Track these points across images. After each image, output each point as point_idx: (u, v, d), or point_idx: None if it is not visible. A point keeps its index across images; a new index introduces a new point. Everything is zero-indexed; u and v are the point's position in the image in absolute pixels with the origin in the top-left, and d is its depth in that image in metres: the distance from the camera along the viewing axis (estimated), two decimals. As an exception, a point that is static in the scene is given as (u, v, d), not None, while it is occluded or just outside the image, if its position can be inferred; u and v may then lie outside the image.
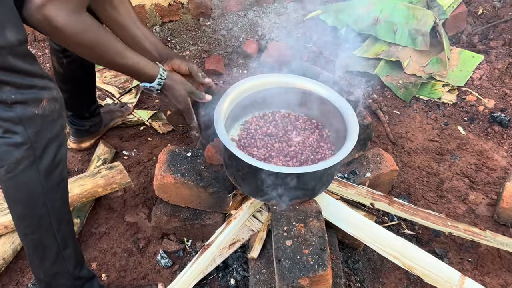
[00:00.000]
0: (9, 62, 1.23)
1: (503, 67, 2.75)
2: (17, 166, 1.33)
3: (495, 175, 2.26)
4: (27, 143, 1.31)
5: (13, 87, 1.25)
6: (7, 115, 1.27)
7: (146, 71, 1.49)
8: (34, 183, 1.38)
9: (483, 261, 1.91)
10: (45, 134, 1.35)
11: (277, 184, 1.53)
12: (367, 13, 2.91)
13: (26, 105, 1.28)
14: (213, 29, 3.16)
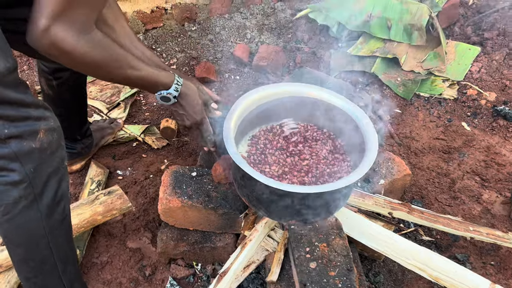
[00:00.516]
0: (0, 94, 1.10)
1: (501, 58, 2.70)
2: (15, 206, 1.20)
3: (505, 171, 2.21)
4: (25, 180, 1.18)
5: (5, 121, 1.12)
6: (1, 151, 1.14)
7: (161, 79, 1.39)
8: (35, 224, 1.25)
9: (506, 264, 1.85)
10: (44, 169, 1.22)
11: (298, 204, 1.42)
12: (359, 10, 2.82)
13: (22, 139, 1.16)
14: (199, 34, 3.02)
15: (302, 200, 1.41)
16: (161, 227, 1.83)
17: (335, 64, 2.76)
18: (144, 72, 1.33)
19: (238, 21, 3.08)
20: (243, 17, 3.10)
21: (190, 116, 1.52)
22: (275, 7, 3.17)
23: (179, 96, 1.46)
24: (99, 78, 1.35)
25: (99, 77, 1.33)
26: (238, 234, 1.79)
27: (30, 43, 1.08)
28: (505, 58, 2.72)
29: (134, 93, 2.66)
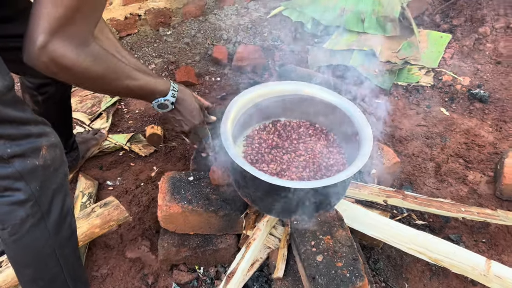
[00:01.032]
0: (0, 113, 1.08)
1: (471, 43, 2.81)
2: (22, 226, 1.18)
3: (486, 152, 2.30)
4: (31, 199, 1.17)
5: (7, 140, 1.10)
6: (5, 171, 1.12)
7: (158, 87, 1.36)
8: (43, 242, 1.23)
9: (496, 240, 1.93)
10: (49, 186, 1.21)
11: (301, 199, 1.45)
12: (332, 5, 2.87)
13: (25, 157, 1.14)
14: (175, 38, 3.01)
15: (305, 196, 1.43)
16: (161, 234, 1.82)
17: (313, 59, 2.81)
18: (142, 81, 1.31)
19: (213, 23, 3.08)
20: (217, 18, 3.10)
21: (188, 121, 1.51)
22: (248, 6, 3.19)
23: (176, 102, 1.44)
24: (97, 90, 1.33)
25: (97, 89, 1.30)
26: (239, 235, 1.80)
27: (27, 61, 1.04)
28: (475, 43, 2.82)
29: (115, 102, 2.63)
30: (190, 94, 1.51)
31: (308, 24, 2.98)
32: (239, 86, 2.72)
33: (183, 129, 1.55)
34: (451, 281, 1.79)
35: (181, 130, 1.56)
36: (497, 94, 2.57)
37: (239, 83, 2.73)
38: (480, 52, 2.79)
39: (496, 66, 2.74)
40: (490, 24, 2.85)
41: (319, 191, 1.42)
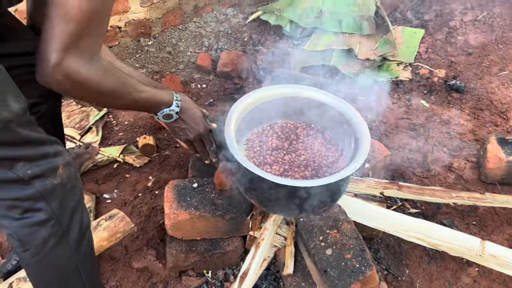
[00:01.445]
0: (19, 135, 1.09)
1: (443, 37, 2.94)
2: (45, 246, 1.19)
3: (467, 139, 2.43)
4: (53, 218, 1.18)
5: (26, 161, 1.11)
6: (26, 193, 1.13)
7: (163, 98, 1.40)
8: (66, 259, 1.25)
9: (485, 221, 2.05)
10: (68, 204, 1.23)
11: (308, 197, 1.51)
12: (309, 7, 2.96)
13: (44, 178, 1.15)
14: (157, 48, 3.03)
15: (312, 193, 1.50)
16: (168, 242, 1.86)
17: (295, 61, 2.88)
18: (147, 94, 1.33)
19: (193, 31, 3.12)
20: (197, 26, 3.14)
21: (193, 129, 1.55)
22: (227, 13, 3.24)
23: (180, 112, 1.48)
24: (106, 105, 1.35)
25: (106, 104, 1.33)
26: (244, 237, 1.86)
27: (41, 80, 1.05)
28: (447, 36, 2.96)
29: (103, 115, 2.63)
30: (192, 102, 1.55)
31: (287, 27, 3.06)
32: (226, 92, 2.78)
33: (188, 137, 1.58)
34: (448, 264, 1.89)
35: (186, 139, 1.60)
36: (471, 84, 2.71)
37: (226, 89, 2.78)
38: (452, 45, 2.93)
39: (468, 57, 2.88)
40: (459, 18, 3.00)
41: (325, 187, 1.49)
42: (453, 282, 1.84)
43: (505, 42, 2.94)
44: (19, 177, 1.10)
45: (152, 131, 2.58)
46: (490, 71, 2.78)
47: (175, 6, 3.03)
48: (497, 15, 3.03)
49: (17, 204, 1.13)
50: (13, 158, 1.09)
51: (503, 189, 2.16)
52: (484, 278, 1.84)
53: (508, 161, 2.06)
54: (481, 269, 1.86)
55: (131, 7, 2.84)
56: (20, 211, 1.15)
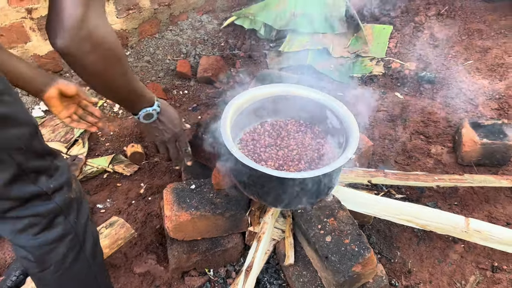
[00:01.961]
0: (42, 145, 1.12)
1: (410, 32, 3.10)
2: (64, 261, 1.21)
3: (441, 126, 2.57)
4: (71, 232, 1.20)
5: (46, 175, 1.13)
6: (47, 208, 1.14)
7: (148, 94, 1.33)
8: (85, 271, 1.27)
9: (466, 201, 2.18)
10: (82, 216, 1.25)
11: (306, 189, 1.59)
12: (282, 10, 3.06)
13: (63, 191, 1.17)
14: (135, 57, 3.06)
15: (310, 184, 1.58)
16: (169, 245, 1.90)
17: (272, 62, 2.98)
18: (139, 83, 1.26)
19: (170, 39, 3.16)
20: (173, 34, 3.19)
21: (170, 129, 1.51)
22: (201, 20, 3.30)
23: (160, 112, 1.42)
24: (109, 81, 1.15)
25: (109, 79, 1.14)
26: (243, 233, 1.92)
27: (62, 43, 0.96)
28: (413, 31, 3.12)
29: (88, 127, 2.64)
30: (167, 103, 1.51)
31: (261, 31, 3.15)
32: (208, 96, 2.84)
33: (164, 139, 1.53)
34: (436, 243, 2.01)
35: (162, 140, 1.54)
36: (441, 74, 2.87)
37: (208, 93, 2.84)
38: (419, 39, 3.09)
39: (435, 49, 3.04)
40: (424, 13, 3.16)
41: (322, 177, 1.57)
42: (442, 260, 1.96)
43: (467, 33, 3.12)
44: (42, 190, 1.11)
45: (138, 139, 2.61)
46: (456, 61, 2.95)
47: (150, 16, 3.07)
48: (458, 8, 3.22)
49: (37, 221, 1.13)
50: (38, 170, 1.10)
51: (479, 170, 2.30)
52: (470, 253, 1.97)
53: (482, 143, 2.21)
54: (467, 245, 1.99)
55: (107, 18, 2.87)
56: (39, 229, 1.15)
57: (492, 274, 1.90)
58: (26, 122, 1.05)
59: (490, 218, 2.10)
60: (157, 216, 2.20)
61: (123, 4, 2.89)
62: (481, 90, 2.73)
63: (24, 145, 1.04)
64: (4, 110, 0.98)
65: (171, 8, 3.16)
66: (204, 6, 3.33)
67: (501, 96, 2.66)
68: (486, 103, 2.64)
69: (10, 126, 1.00)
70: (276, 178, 1.53)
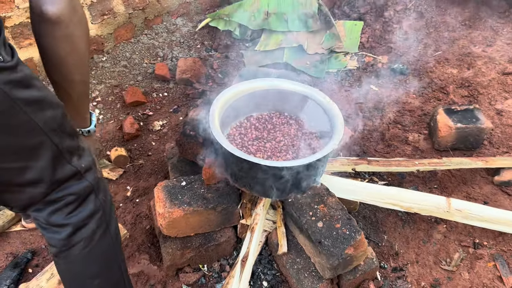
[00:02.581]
0: (70, 125, 1.15)
1: (380, 27, 3.20)
2: (93, 238, 1.23)
3: (416, 115, 2.67)
4: (100, 210, 1.23)
5: (77, 155, 1.17)
6: (81, 186, 1.18)
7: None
8: (110, 249, 1.30)
9: (444, 183, 2.28)
10: (107, 196, 1.29)
11: (296, 177, 1.64)
12: (256, 10, 3.11)
13: (91, 170, 1.21)
14: (112, 63, 3.06)
15: (299, 173, 1.63)
16: (162, 243, 1.92)
17: (249, 62, 3.02)
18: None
19: (146, 43, 3.17)
20: (149, 38, 3.20)
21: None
22: (176, 23, 3.33)
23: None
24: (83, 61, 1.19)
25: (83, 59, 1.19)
26: (235, 227, 1.95)
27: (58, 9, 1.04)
28: (383, 26, 3.23)
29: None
30: None
31: (236, 31, 3.19)
32: (188, 97, 2.86)
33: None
34: (420, 225, 2.10)
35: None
36: (412, 65, 2.98)
37: (187, 94, 2.86)
38: (389, 33, 3.20)
39: (405, 42, 3.16)
40: (392, 8, 3.28)
41: (311, 165, 1.63)
42: (427, 240, 2.04)
43: (434, 26, 3.25)
44: (77, 169, 1.15)
45: (121, 142, 2.61)
46: (426, 52, 3.07)
47: (125, 21, 3.07)
48: (424, 2, 3.35)
49: (72, 200, 1.16)
50: (71, 150, 1.14)
51: (455, 154, 2.40)
52: (452, 232, 2.06)
53: (456, 128, 2.31)
54: (449, 225, 2.08)
55: (82, 24, 2.86)
56: (74, 207, 1.18)
57: (474, 250, 1.99)
58: (57, 104, 1.09)
59: (468, 199, 2.20)
60: (146, 217, 2.21)
61: (97, 9, 2.88)
62: (451, 79, 2.85)
63: (58, 126, 1.08)
64: (38, 93, 1.03)
65: (145, 12, 3.17)
66: (178, 9, 3.35)
67: (470, 84, 2.79)
68: (457, 91, 2.76)
69: (45, 108, 1.04)
70: (268, 168, 1.57)
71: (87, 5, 2.82)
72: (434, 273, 1.92)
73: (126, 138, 2.61)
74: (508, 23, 3.20)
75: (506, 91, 2.73)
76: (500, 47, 3.04)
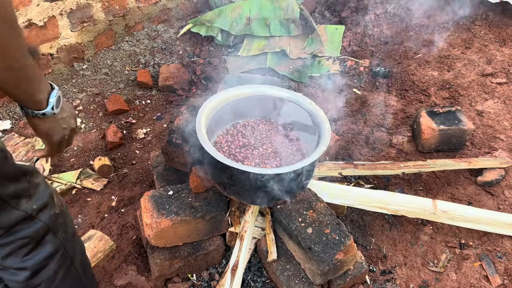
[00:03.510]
0: (15, 167, 1.08)
1: (361, 30, 3.24)
2: (56, 277, 1.19)
3: (399, 117, 2.70)
4: (60, 248, 1.18)
5: (26, 197, 1.10)
6: (35, 228, 1.11)
7: (44, 80, 1.07)
8: (77, 284, 1.26)
9: (429, 185, 2.30)
10: (69, 230, 1.23)
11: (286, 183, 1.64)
12: (238, 15, 3.11)
13: (47, 209, 1.15)
14: (92, 70, 3.01)
15: (289, 179, 1.63)
16: (150, 253, 1.89)
17: (232, 67, 3.02)
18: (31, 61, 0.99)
19: (127, 50, 3.14)
20: (130, 44, 3.17)
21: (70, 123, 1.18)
22: (157, 29, 3.30)
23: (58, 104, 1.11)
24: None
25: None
26: (223, 235, 1.94)
27: None
28: (364, 29, 3.26)
29: (50, 144, 2.58)
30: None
31: (218, 37, 3.18)
32: (172, 104, 2.84)
33: (64, 133, 1.17)
34: (407, 227, 2.11)
35: (62, 135, 1.17)
36: (394, 68, 3.01)
37: (171, 101, 2.84)
38: (370, 37, 3.24)
39: (386, 45, 3.19)
40: (372, 12, 3.31)
41: (300, 171, 1.63)
42: (414, 242, 2.06)
43: (414, 28, 3.30)
44: (26, 213, 1.08)
45: (104, 152, 2.57)
46: (406, 55, 3.11)
47: (105, 28, 3.03)
48: (403, 6, 3.39)
49: (25, 243, 1.11)
50: (17, 194, 1.06)
51: (438, 156, 2.44)
52: (438, 234, 2.08)
53: (439, 130, 2.34)
54: (435, 226, 2.10)
55: (61, 32, 2.81)
56: (28, 249, 1.12)
57: (461, 251, 2.02)
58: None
59: (453, 200, 2.23)
60: (132, 227, 2.18)
61: (77, 17, 2.84)
62: (432, 81, 2.89)
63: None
64: None
65: (126, 19, 3.13)
66: (159, 15, 3.32)
67: (450, 86, 2.83)
68: (438, 93, 2.81)
69: None
70: (257, 175, 1.56)
71: (67, 13, 2.77)
72: (422, 274, 1.94)
73: (110, 147, 2.57)
74: (485, 25, 3.27)
75: (485, 92, 2.78)
76: (478, 49, 3.10)
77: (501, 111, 2.66)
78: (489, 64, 2.95)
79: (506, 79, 2.84)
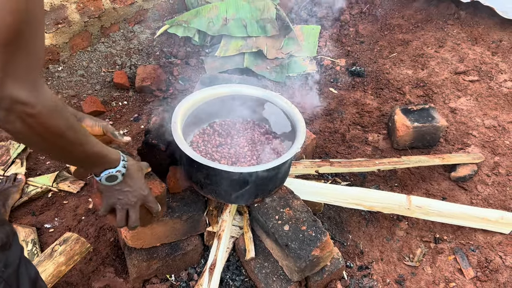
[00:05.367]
0: None
1: (337, 30, 3.28)
2: None
3: (375, 116, 2.74)
4: (0, 282, 1.11)
5: None
6: None
7: (110, 155, 1.16)
8: None
9: (404, 181, 2.35)
10: (11, 262, 1.16)
11: (262, 182, 1.65)
12: (215, 16, 3.11)
13: None
14: (68, 72, 2.98)
15: (266, 177, 1.64)
16: (127, 255, 1.88)
17: (209, 68, 3.02)
18: (97, 148, 1.10)
19: (103, 51, 3.11)
20: (106, 46, 3.14)
21: (137, 192, 1.27)
22: (133, 30, 3.28)
23: (126, 174, 1.22)
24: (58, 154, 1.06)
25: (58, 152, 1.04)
26: (201, 235, 1.94)
27: None
28: (340, 29, 3.30)
29: (25, 147, 2.54)
30: (133, 160, 1.32)
31: (195, 37, 3.18)
32: (149, 105, 2.83)
33: (130, 202, 1.28)
34: (383, 223, 2.15)
35: (126, 203, 1.28)
36: (369, 67, 3.06)
37: (148, 102, 2.83)
38: (346, 36, 3.28)
39: (361, 45, 3.24)
40: (348, 12, 3.36)
41: (275, 169, 1.64)
42: (390, 237, 2.09)
43: (388, 28, 3.36)
44: None
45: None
46: (381, 54, 3.16)
47: (81, 29, 3.00)
48: (378, 6, 3.45)
49: None
50: None
51: (413, 152, 2.48)
52: (414, 229, 2.12)
53: (414, 127, 2.39)
54: (410, 222, 2.14)
55: (35, 34, 2.77)
56: None
57: (435, 245, 2.06)
58: None
59: (427, 195, 2.28)
60: (109, 229, 2.16)
61: (51, 18, 2.80)
62: (406, 79, 2.95)
63: None
64: None
65: (101, 20, 3.11)
66: (135, 16, 3.31)
67: (424, 84, 2.89)
68: (413, 91, 2.86)
69: None
70: (233, 174, 1.57)
71: (40, 14, 2.74)
72: (398, 269, 1.97)
73: (86, 149, 2.54)
74: (457, 24, 3.34)
75: (458, 89, 2.84)
76: (451, 48, 3.16)
77: (473, 108, 2.73)
78: (462, 62, 3.02)
79: (478, 76, 2.91)
